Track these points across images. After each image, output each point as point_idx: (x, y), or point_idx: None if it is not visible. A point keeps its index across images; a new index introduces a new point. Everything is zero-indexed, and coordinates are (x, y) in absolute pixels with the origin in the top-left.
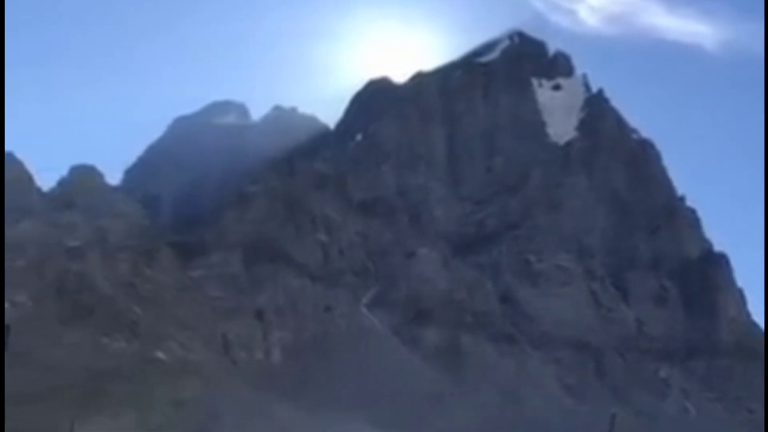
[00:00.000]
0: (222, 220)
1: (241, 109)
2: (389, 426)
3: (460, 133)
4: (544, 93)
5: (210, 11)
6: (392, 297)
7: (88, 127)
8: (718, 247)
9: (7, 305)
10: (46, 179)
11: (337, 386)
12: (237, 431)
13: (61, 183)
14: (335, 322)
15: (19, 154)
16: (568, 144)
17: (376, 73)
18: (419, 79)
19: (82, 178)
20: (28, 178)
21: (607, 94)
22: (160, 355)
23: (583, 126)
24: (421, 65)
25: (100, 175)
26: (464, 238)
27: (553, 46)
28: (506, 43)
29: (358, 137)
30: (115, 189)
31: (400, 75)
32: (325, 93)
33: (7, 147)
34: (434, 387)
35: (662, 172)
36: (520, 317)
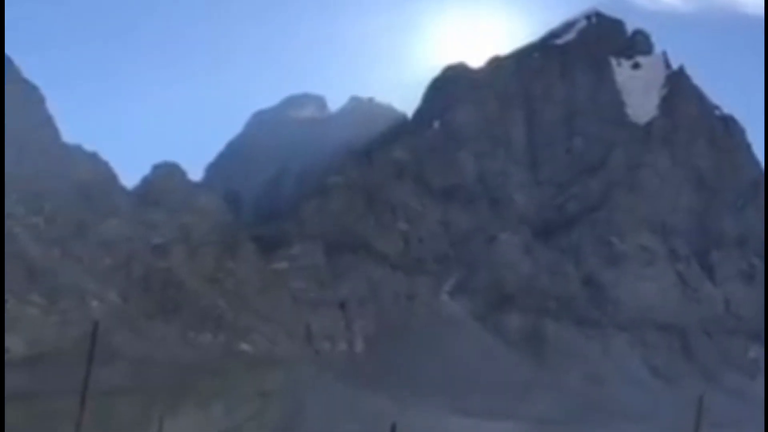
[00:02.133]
0: (302, 212)
1: (319, 102)
2: (474, 413)
3: (538, 116)
4: (623, 72)
5: (284, 6)
6: (474, 283)
7: (168, 126)
8: None
9: (95, 302)
10: (130, 178)
11: (420, 374)
12: (322, 421)
13: (145, 181)
14: (417, 311)
15: (104, 155)
16: (649, 123)
17: (452, 60)
18: (496, 63)
19: (165, 176)
20: (113, 178)
21: (688, 71)
22: (246, 347)
23: (664, 104)
24: (497, 49)
25: (182, 173)
26: (545, 222)
27: (631, 25)
28: (583, 23)
29: (436, 124)
30: (197, 185)
31: (477, 60)
32: (401, 81)
33: (92, 148)
34: (519, 373)
35: (747, 148)
36: (604, 300)
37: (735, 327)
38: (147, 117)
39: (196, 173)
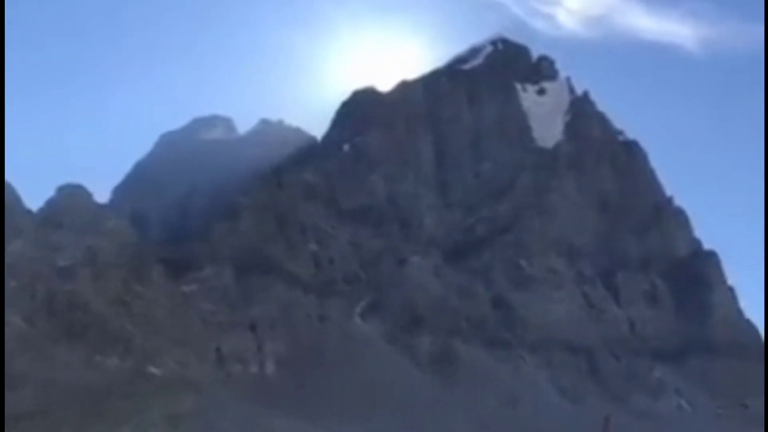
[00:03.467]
0: (212, 234)
1: (228, 123)
2: None
3: (447, 139)
4: (528, 97)
5: (191, 26)
6: (385, 305)
7: (74, 147)
8: (707, 246)
9: None
10: (34, 200)
11: (332, 396)
12: None
13: (50, 203)
14: (329, 332)
15: (7, 176)
16: (555, 147)
17: (361, 84)
18: (404, 87)
19: (70, 197)
20: (16, 200)
21: (592, 96)
22: (154, 370)
23: (569, 129)
24: (405, 74)
25: (88, 194)
26: (455, 244)
27: (536, 51)
28: (489, 49)
29: (346, 147)
30: (103, 207)
31: (385, 84)
32: (311, 105)
33: None
34: (430, 394)
35: (650, 172)
36: (513, 321)
37: (640, 347)
38: (52, 138)
39: (102, 195)
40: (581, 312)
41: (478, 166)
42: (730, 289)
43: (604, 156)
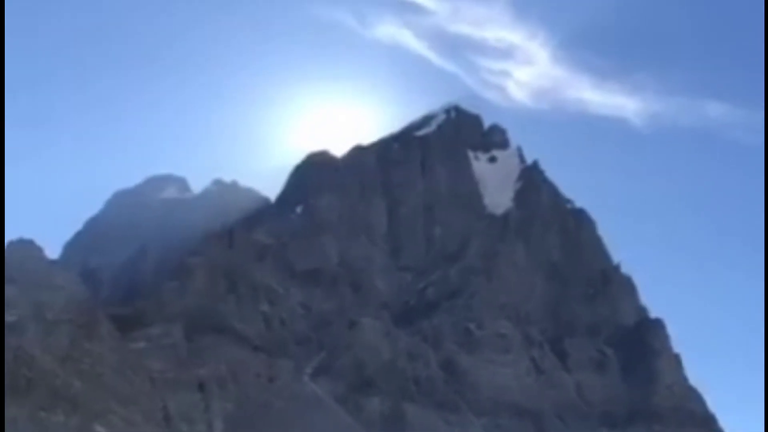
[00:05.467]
0: (162, 292)
1: (181, 183)
2: None
3: (399, 204)
4: (480, 165)
5: (148, 85)
6: (335, 366)
7: (26, 202)
8: (653, 313)
9: None
10: None
11: None
12: None
13: None
14: (278, 393)
15: None
16: (505, 214)
17: (315, 147)
18: (358, 151)
19: (21, 252)
20: None
21: (541, 165)
22: (100, 429)
23: (519, 197)
24: (359, 138)
25: (39, 249)
26: (405, 307)
27: (488, 121)
28: (442, 117)
29: (299, 209)
30: (53, 263)
31: (339, 148)
32: (264, 166)
33: None
34: None
35: (597, 240)
36: (462, 385)
37: (587, 412)
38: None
39: (53, 251)
40: (529, 376)
41: (429, 230)
42: (676, 357)
43: (552, 223)
